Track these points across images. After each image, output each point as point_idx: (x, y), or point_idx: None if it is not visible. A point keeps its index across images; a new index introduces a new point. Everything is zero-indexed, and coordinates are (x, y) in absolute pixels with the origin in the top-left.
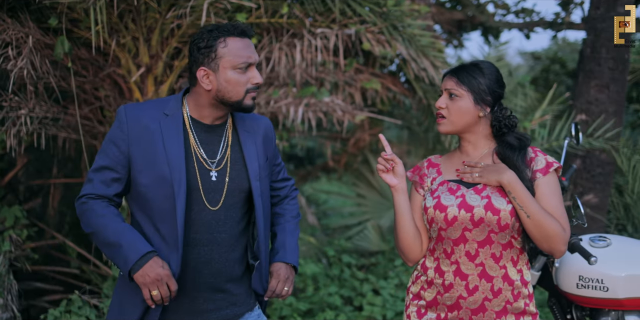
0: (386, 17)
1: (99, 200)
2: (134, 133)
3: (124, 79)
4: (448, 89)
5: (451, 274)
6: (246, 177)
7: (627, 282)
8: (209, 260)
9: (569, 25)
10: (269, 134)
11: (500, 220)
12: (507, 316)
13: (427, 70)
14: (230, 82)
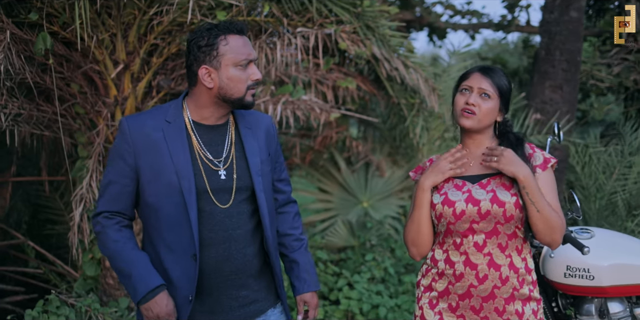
0: (360, 17)
1: (113, 221)
2: (139, 144)
3: (101, 75)
4: (483, 89)
5: (461, 264)
6: (248, 173)
7: (611, 271)
8: (228, 257)
9: (518, 27)
10: (270, 131)
11: (505, 212)
12: (514, 302)
13: (399, 70)
14: (232, 79)
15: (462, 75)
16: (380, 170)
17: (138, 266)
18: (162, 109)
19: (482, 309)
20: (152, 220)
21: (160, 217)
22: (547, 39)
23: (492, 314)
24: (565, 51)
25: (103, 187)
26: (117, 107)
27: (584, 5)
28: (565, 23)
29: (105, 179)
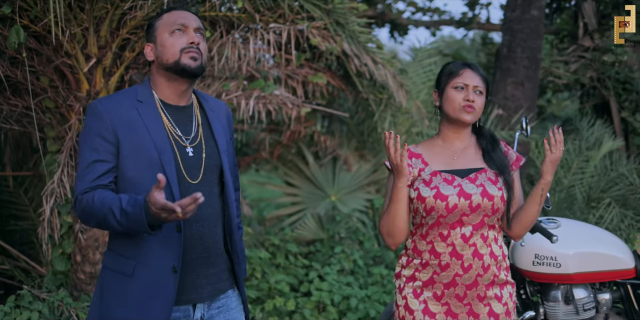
0: (331, 13)
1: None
2: (117, 122)
3: (72, 69)
4: (477, 86)
5: (447, 255)
6: (217, 152)
7: (576, 259)
8: (201, 235)
9: (479, 24)
10: (229, 117)
11: (494, 205)
12: (493, 287)
13: (368, 66)
14: (164, 45)
15: (449, 72)
16: (347, 165)
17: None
18: (131, 91)
19: (465, 296)
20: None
21: (140, 191)
22: (509, 37)
23: (475, 300)
24: (527, 49)
25: (85, 168)
26: (90, 101)
27: (544, 4)
28: (527, 21)
29: (85, 161)
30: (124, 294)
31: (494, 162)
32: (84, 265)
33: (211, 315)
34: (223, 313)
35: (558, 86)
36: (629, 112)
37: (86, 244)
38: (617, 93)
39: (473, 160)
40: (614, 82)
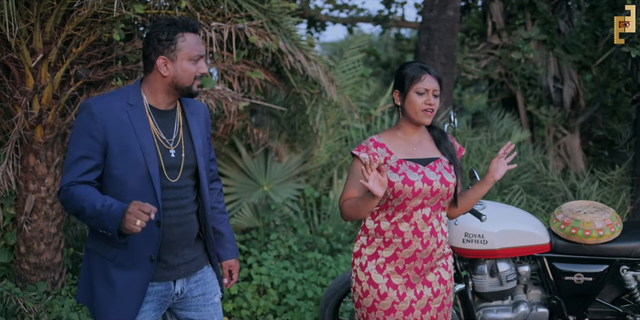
0: (267, 13)
1: (80, 185)
2: (108, 123)
3: (18, 64)
4: (436, 90)
5: (410, 233)
6: (194, 153)
7: (500, 236)
8: (179, 222)
9: (397, 22)
10: (207, 118)
11: (449, 190)
12: (441, 259)
13: (302, 62)
14: (185, 70)
15: (412, 76)
16: (278, 156)
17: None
18: (123, 93)
19: (422, 269)
20: (116, 191)
21: (125, 189)
22: (427, 35)
23: (428, 271)
24: (443, 47)
25: (72, 163)
26: (35, 96)
27: (459, 5)
28: (443, 21)
29: (73, 155)
30: (107, 275)
31: (447, 151)
32: (29, 256)
33: (190, 289)
34: (200, 286)
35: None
36: (534, 106)
37: (31, 235)
38: (523, 88)
39: (430, 150)
40: (521, 78)
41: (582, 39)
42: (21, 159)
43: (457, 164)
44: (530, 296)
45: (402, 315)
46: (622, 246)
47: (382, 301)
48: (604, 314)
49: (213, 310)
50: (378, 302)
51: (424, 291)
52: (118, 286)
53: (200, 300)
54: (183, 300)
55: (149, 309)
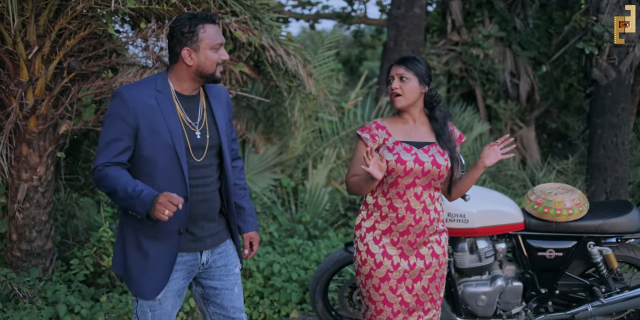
0: (249, 9)
1: (113, 167)
2: (139, 108)
3: (12, 57)
4: (400, 74)
5: (403, 209)
6: (217, 134)
7: (480, 216)
8: (205, 198)
9: (363, 19)
10: (228, 101)
11: (440, 172)
12: (434, 235)
13: (282, 57)
14: (208, 59)
15: (387, 71)
16: (256, 147)
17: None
18: (152, 81)
19: (415, 242)
20: (147, 170)
21: (155, 168)
22: (395, 32)
23: (421, 245)
24: (411, 42)
25: (105, 144)
26: (30, 87)
27: (425, 3)
28: (410, 18)
29: (107, 137)
30: (140, 246)
31: (445, 145)
32: (20, 243)
33: (214, 259)
34: (223, 257)
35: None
36: (492, 100)
37: (23, 223)
38: (482, 83)
39: (426, 135)
40: (480, 73)
41: (536, 36)
42: (14, 149)
43: (450, 149)
44: (505, 271)
45: (395, 283)
46: (589, 224)
47: (378, 269)
48: (572, 286)
49: (234, 279)
50: (374, 270)
51: (416, 263)
52: (150, 256)
53: (222, 271)
54: (207, 270)
55: (178, 277)
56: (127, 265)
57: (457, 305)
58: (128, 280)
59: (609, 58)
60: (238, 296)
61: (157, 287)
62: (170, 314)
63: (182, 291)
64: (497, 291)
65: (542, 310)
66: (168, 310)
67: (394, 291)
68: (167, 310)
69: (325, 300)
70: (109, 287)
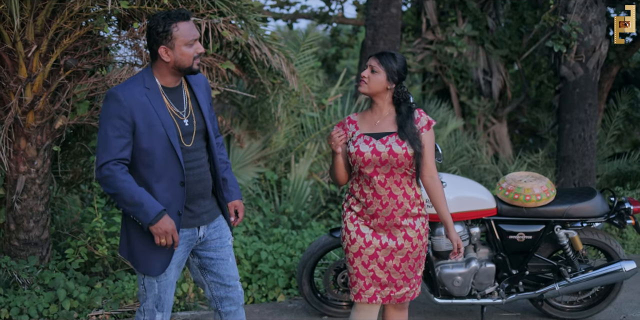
0: (236, 9)
1: (118, 167)
2: (133, 106)
3: (11, 55)
4: (372, 66)
5: (370, 195)
6: (202, 119)
7: (455, 202)
8: (200, 178)
9: (340, 19)
10: (207, 86)
11: (397, 160)
12: (407, 218)
13: (267, 55)
14: (184, 54)
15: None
16: (240, 142)
17: (145, 197)
18: (139, 79)
19: (385, 225)
20: (146, 160)
21: (153, 158)
22: (373, 31)
23: (393, 227)
24: (388, 41)
25: (107, 142)
26: (28, 83)
27: (401, 3)
28: (387, 18)
29: (108, 136)
30: (143, 231)
31: (406, 136)
32: (19, 233)
33: (210, 233)
34: (217, 231)
35: None
36: (466, 97)
37: (21, 214)
38: (456, 80)
39: (389, 125)
40: (454, 71)
41: (508, 35)
42: (13, 142)
43: (411, 139)
44: (479, 254)
45: (367, 259)
46: (556, 209)
47: (352, 245)
48: (541, 267)
49: (228, 250)
50: (350, 245)
51: (388, 243)
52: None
53: (217, 243)
54: (204, 243)
55: (179, 251)
56: (131, 249)
57: (434, 286)
58: (134, 262)
59: (577, 56)
60: (232, 266)
61: (162, 265)
62: (172, 284)
63: (182, 262)
64: (472, 272)
65: (514, 290)
66: (171, 280)
67: (366, 266)
68: (170, 280)
69: (312, 283)
70: (102, 275)
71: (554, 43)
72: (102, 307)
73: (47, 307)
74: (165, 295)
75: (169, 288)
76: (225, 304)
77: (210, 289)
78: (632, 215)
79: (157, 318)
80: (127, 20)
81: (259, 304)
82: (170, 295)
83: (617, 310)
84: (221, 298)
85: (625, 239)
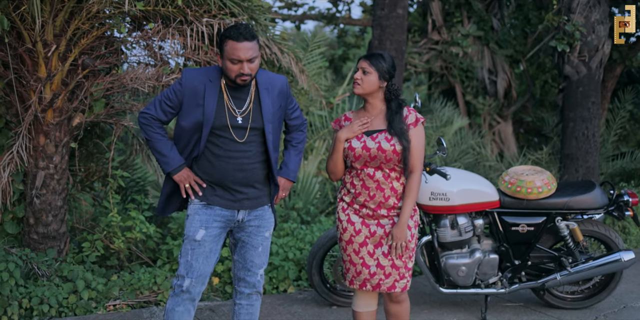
0: (247, 10)
1: (156, 122)
2: (187, 89)
3: (31, 54)
4: (363, 68)
5: (359, 186)
6: (261, 120)
7: (460, 194)
8: (242, 168)
9: (347, 20)
10: (283, 88)
11: (385, 156)
12: (394, 210)
13: (277, 54)
14: (226, 68)
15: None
16: None
17: (172, 151)
18: (211, 71)
19: (373, 215)
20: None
21: (184, 133)
22: (380, 31)
23: (380, 217)
24: (394, 41)
25: (157, 102)
26: (47, 82)
27: (408, 3)
28: (394, 18)
29: (161, 98)
30: None
31: (393, 130)
32: (37, 227)
33: (249, 219)
34: (258, 219)
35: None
36: (471, 96)
37: (40, 208)
38: (462, 80)
39: (379, 123)
40: (459, 71)
41: (512, 35)
42: (33, 139)
43: (402, 138)
44: (483, 245)
45: (357, 246)
46: (557, 201)
47: (344, 233)
48: (543, 258)
49: (261, 240)
50: (342, 234)
51: (377, 231)
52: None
53: (254, 230)
54: (241, 227)
55: (216, 226)
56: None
57: (440, 276)
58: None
59: (580, 55)
60: (259, 255)
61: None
62: (207, 256)
63: (218, 238)
64: (476, 263)
65: (516, 280)
66: (206, 252)
67: (357, 253)
68: (204, 251)
69: (321, 274)
70: (118, 268)
71: (557, 43)
72: (119, 297)
73: (67, 297)
74: (197, 264)
75: (201, 257)
76: (241, 284)
77: (235, 267)
78: (631, 207)
79: (185, 283)
80: (141, 21)
81: (270, 295)
82: (204, 266)
83: (618, 300)
84: (239, 278)
85: (628, 233)
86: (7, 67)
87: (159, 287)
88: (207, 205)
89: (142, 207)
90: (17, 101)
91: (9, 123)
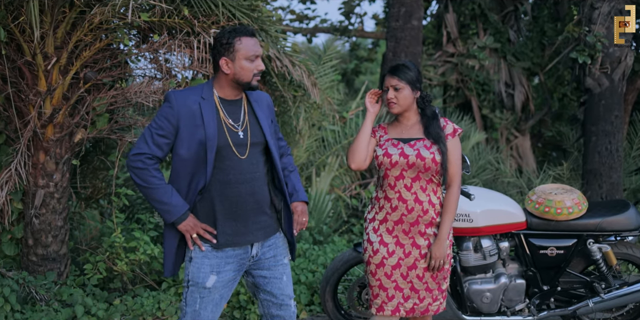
0: (257, 21)
1: (152, 162)
2: (182, 112)
3: (31, 67)
4: (393, 85)
5: (396, 199)
6: (262, 134)
7: (484, 215)
8: (253, 192)
9: (360, 33)
10: (270, 104)
11: (425, 164)
12: (432, 227)
13: (288, 67)
14: (243, 68)
15: (382, 79)
16: None
17: (174, 196)
18: (199, 88)
19: (410, 232)
20: (177, 165)
21: (186, 165)
22: (394, 43)
23: (417, 235)
24: (409, 54)
25: (149, 136)
26: (47, 96)
27: (422, 15)
28: (408, 30)
29: (152, 132)
30: None
31: (430, 135)
32: (37, 248)
33: (264, 252)
34: (272, 249)
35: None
36: (488, 110)
37: (39, 228)
38: (478, 93)
39: (416, 132)
40: (475, 84)
41: (530, 47)
42: (32, 156)
43: (440, 144)
44: (509, 269)
45: (390, 269)
46: (588, 222)
47: (375, 256)
48: (573, 283)
49: (282, 269)
50: (372, 257)
51: (412, 252)
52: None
53: (271, 261)
54: (257, 262)
55: (229, 269)
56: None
57: (462, 302)
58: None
59: (602, 67)
60: (287, 284)
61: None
62: (217, 304)
63: (232, 283)
64: (501, 288)
65: (545, 307)
66: (216, 299)
67: (389, 277)
68: (214, 298)
69: (335, 300)
70: (121, 291)
71: (578, 54)
72: None
73: None
74: (206, 313)
75: (210, 306)
76: None
77: (263, 306)
78: None
79: None
80: (147, 32)
81: None
82: (213, 313)
83: None
84: (273, 316)
85: None
86: (5, 80)
87: (162, 313)
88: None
89: (147, 226)
90: (15, 116)
91: (8, 139)
